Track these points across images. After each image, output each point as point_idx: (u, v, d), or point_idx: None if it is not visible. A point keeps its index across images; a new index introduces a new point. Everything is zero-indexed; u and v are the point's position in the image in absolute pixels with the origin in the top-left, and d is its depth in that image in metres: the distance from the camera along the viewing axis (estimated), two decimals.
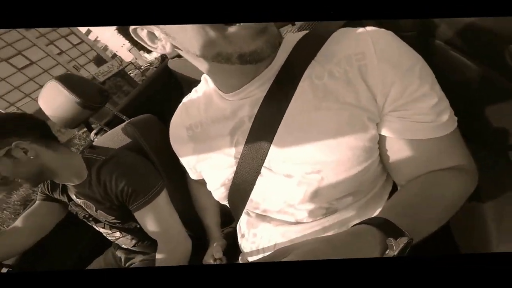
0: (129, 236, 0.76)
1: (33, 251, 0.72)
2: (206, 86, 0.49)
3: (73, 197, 0.71)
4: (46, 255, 0.78)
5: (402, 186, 0.42)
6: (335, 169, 0.39)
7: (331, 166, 0.39)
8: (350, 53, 0.37)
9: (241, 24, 0.32)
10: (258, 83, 0.41)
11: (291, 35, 0.43)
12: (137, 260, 0.79)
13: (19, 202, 5.08)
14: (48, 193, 0.73)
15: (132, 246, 0.78)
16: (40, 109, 0.73)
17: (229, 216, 0.59)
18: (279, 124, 0.40)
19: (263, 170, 0.43)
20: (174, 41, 0.36)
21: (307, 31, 0.43)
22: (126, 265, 0.80)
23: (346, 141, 0.38)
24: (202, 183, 0.58)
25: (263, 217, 0.50)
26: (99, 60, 17.36)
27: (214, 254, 0.58)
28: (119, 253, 0.82)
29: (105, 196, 0.65)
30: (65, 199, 0.72)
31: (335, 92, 0.38)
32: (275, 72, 0.41)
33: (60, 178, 0.67)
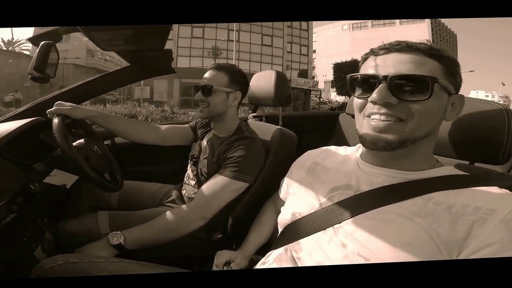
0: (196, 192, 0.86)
1: None
2: (353, 151, 0.57)
3: (205, 140, 0.91)
4: None
5: None
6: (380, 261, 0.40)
7: (376, 259, 0.40)
8: (483, 206, 0.38)
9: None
10: (392, 173, 0.46)
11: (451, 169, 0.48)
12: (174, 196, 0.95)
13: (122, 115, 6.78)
14: (197, 126, 0.99)
15: (188, 197, 0.90)
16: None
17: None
18: (372, 209, 0.44)
19: (329, 229, 0.47)
20: None
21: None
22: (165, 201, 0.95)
23: (404, 254, 0.39)
24: (276, 204, 0.71)
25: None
26: (303, 73, 21.22)
27: (232, 263, 0.63)
28: (174, 194, 0.95)
29: (221, 154, 0.79)
30: (199, 136, 0.95)
31: (436, 219, 0.39)
32: (415, 176, 0.45)
33: (220, 124, 0.86)
